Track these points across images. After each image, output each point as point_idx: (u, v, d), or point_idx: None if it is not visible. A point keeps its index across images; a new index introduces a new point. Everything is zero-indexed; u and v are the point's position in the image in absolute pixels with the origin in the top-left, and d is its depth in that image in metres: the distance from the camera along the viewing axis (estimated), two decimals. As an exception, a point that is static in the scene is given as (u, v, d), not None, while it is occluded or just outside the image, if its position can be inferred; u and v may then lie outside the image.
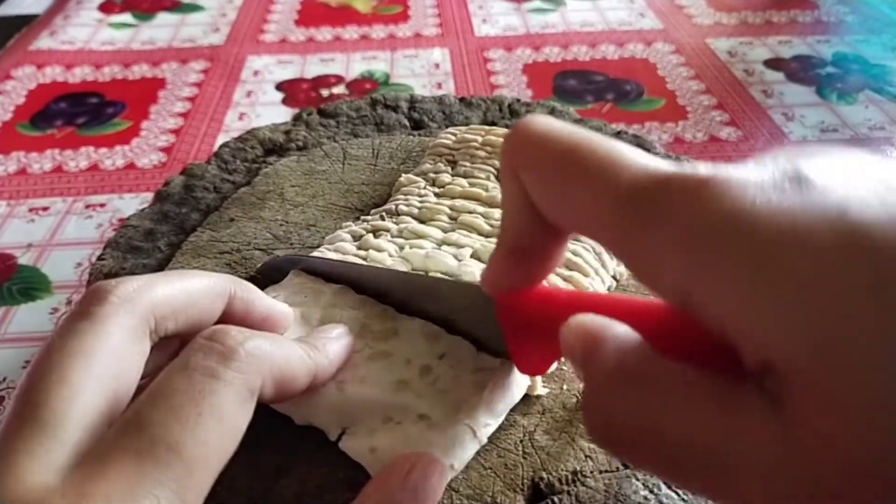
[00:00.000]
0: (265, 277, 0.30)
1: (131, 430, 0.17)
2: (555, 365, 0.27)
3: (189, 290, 0.21)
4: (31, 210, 0.49)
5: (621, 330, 0.16)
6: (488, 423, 0.23)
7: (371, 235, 0.31)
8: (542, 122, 0.18)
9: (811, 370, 0.12)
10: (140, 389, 0.19)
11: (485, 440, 0.23)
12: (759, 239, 0.13)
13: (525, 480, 0.23)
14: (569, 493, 0.23)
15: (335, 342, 0.24)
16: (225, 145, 0.42)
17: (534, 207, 0.18)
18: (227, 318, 0.23)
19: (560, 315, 0.19)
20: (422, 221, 0.32)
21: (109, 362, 0.18)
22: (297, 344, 0.22)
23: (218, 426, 0.17)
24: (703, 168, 0.15)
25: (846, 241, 0.12)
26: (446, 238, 0.30)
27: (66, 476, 0.16)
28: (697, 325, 0.15)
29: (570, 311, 0.19)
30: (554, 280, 0.28)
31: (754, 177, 0.14)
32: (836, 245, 0.12)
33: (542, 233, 0.19)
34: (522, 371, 0.23)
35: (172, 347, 0.22)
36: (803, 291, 0.12)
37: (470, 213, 0.32)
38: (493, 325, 0.22)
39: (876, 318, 0.12)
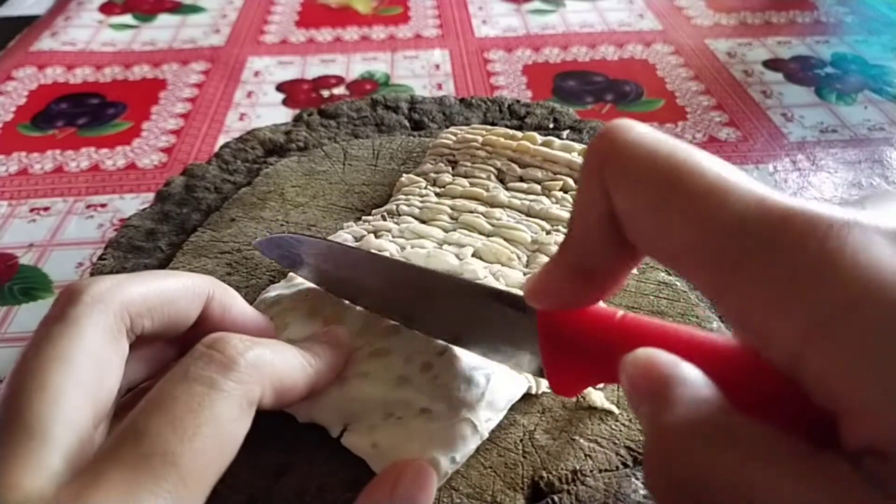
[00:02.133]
0: (266, 255, 0.29)
1: (128, 439, 0.17)
2: (592, 389, 0.25)
3: (164, 288, 0.21)
4: (32, 210, 0.49)
5: (694, 374, 0.15)
6: (490, 418, 0.24)
7: (372, 236, 0.31)
8: (639, 129, 0.16)
9: None
10: (141, 393, 0.19)
11: (486, 434, 0.23)
12: None
13: (525, 479, 0.23)
14: (569, 491, 0.23)
15: (335, 349, 0.24)
16: (226, 146, 0.42)
17: (615, 223, 0.16)
18: (204, 318, 0.23)
19: (613, 340, 0.17)
20: (423, 221, 0.32)
21: (87, 364, 0.18)
22: (298, 352, 0.22)
23: (216, 437, 0.17)
24: (832, 208, 0.13)
25: None
26: (447, 238, 0.30)
27: (63, 485, 0.16)
28: (770, 376, 0.13)
29: (626, 336, 0.17)
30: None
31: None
32: None
33: (617, 253, 0.17)
34: (555, 390, 0.22)
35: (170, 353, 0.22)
36: None
37: (471, 212, 0.32)
38: (529, 337, 0.21)
39: None
